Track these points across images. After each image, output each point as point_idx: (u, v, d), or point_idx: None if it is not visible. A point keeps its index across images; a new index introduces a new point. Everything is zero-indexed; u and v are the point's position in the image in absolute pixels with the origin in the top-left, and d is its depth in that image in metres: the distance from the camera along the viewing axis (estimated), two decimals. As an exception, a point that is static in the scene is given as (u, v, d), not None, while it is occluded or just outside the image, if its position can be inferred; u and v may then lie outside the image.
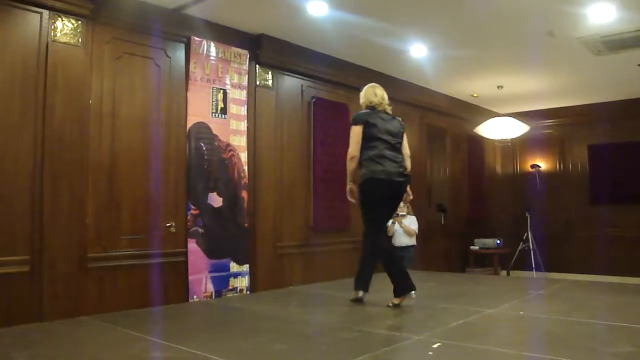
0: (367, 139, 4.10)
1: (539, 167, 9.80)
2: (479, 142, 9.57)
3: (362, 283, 4.30)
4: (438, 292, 4.76)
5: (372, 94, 4.31)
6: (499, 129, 8.81)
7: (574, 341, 2.92)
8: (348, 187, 4.22)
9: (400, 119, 4.41)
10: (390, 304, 4.10)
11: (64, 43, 4.34)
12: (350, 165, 4.13)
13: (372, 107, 4.26)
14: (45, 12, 4.26)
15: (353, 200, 4.28)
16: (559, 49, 6.17)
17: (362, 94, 4.43)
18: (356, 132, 4.10)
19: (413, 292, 4.12)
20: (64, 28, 4.34)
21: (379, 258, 4.25)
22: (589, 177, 9.41)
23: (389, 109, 4.32)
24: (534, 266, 8.83)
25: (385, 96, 4.36)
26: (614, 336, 3.03)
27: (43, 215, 4.16)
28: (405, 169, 4.20)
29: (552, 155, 9.93)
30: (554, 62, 6.78)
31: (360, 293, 4.28)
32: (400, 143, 4.25)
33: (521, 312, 3.95)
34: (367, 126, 4.11)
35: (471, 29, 5.71)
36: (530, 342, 3.09)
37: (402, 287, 4.09)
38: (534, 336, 3.18)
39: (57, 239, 4.21)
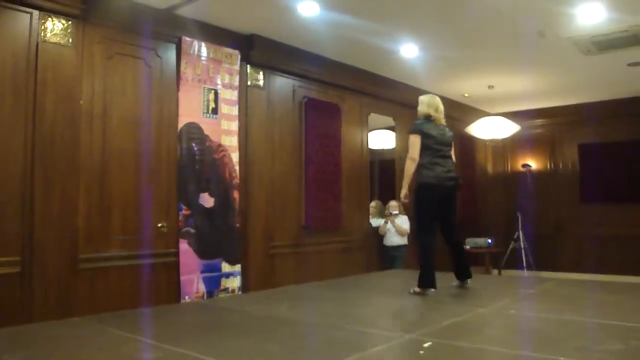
0: (422, 148, 4.43)
1: (530, 166, 9.85)
2: (470, 142, 9.60)
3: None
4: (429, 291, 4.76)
5: (435, 108, 4.58)
6: (490, 129, 8.85)
7: (564, 339, 2.94)
8: (404, 191, 4.50)
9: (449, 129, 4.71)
10: (411, 290, 4.39)
11: (54, 43, 4.32)
12: (411, 168, 4.44)
13: (429, 118, 4.56)
14: (35, 12, 4.24)
15: (406, 202, 4.60)
16: (549, 49, 6.21)
17: (424, 102, 4.66)
18: (415, 140, 4.43)
19: (432, 289, 4.38)
20: (54, 28, 4.32)
21: (425, 256, 4.46)
22: (579, 176, 9.48)
23: (443, 121, 4.64)
24: (525, 265, 8.88)
25: (443, 109, 4.67)
26: (604, 334, 3.04)
27: (34, 216, 4.14)
28: (455, 173, 4.56)
29: (543, 154, 9.99)
30: (544, 62, 6.82)
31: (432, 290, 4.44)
32: (450, 151, 4.60)
33: (512, 311, 3.96)
34: (423, 136, 4.44)
35: (462, 30, 5.74)
36: (521, 340, 3.10)
37: (425, 281, 4.36)
38: (525, 335, 3.19)
39: (48, 239, 4.19)
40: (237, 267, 5.55)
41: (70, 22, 4.41)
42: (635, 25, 5.52)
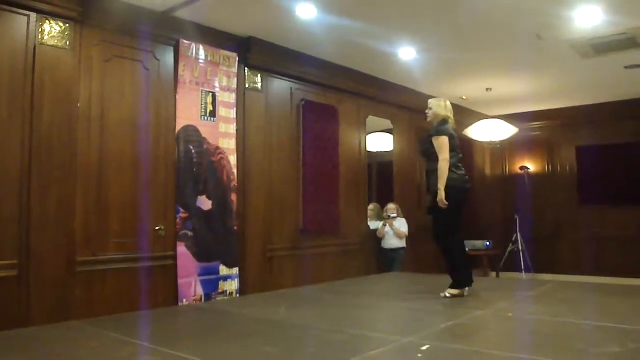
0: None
1: (528, 168, 9.87)
2: (468, 145, 9.57)
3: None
4: (427, 294, 4.77)
5: (450, 110, 4.65)
6: (488, 131, 8.86)
7: (562, 342, 2.94)
8: (443, 194, 4.35)
9: None
10: (447, 294, 4.35)
11: (52, 46, 4.31)
12: (447, 170, 4.39)
13: (445, 121, 4.57)
14: (33, 15, 4.23)
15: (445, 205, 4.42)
16: (547, 51, 6.22)
17: (441, 105, 4.66)
18: (445, 142, 4.42)
19: (467, 288, 4.45)
20: (52, 31, 4.32)
21: (458, 256, 4.48)
22: (577, 179, 9.49)
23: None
24: (523, 267, 8.88)
25: None
26: (602, 337, 3.05)
27: (31, 219, 4.13)
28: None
29: (541, 157, 10.00)
30: (542, 65, 6.84)
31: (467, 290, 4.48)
32: None
33: (510, 314, 3.97)
34: (450, 138, 4.46)
35: (460, 32, 5.74)
36: (518, 343, 3.10)
37: (464, 279, 4.43)
38: (523, 337, 3.19)
39: (45, 242, 4.18)
40: (235, 270, 5.54)
41: (67, 25, 4.40)
42: (632, 28, 5.53)
